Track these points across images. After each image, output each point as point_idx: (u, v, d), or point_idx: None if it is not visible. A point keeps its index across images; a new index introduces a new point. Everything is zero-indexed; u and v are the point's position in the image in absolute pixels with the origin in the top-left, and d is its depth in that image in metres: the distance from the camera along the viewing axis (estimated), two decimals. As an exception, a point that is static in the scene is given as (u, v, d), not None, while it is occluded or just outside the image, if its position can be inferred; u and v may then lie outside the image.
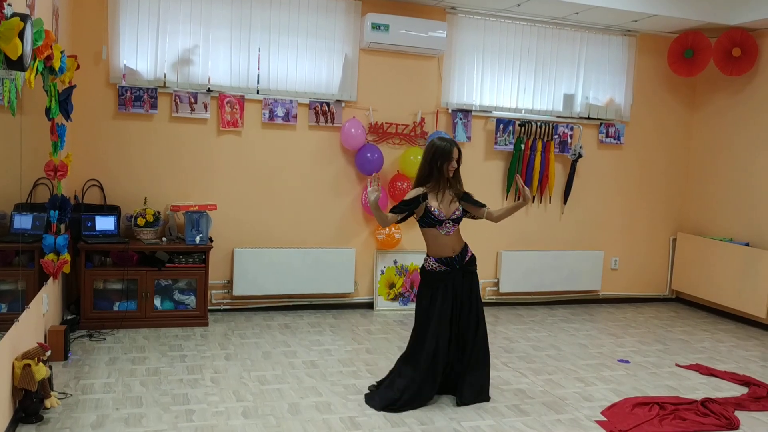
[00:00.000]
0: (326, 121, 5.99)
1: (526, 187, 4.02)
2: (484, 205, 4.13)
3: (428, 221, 3.98)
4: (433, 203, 3.96)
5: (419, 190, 3.99)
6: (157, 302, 5.37)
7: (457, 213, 4.01)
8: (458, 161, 4.01)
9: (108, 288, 5.27)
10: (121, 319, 5.23)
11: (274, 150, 5.92)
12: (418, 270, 4.33)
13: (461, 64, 6.32)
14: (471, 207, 4.09)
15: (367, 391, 4.16)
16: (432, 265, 4.04)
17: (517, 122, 6.51)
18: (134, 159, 5.57)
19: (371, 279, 6.32)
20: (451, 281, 4.03)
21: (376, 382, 4.24)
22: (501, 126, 6.46)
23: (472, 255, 4.15)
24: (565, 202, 6.82)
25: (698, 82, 7.11)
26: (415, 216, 4.04)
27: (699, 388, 4.59)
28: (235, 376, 4.35)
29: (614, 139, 6.91)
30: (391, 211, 4.02)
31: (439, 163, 3.96)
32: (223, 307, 5.90)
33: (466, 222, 4.13)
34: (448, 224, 3.99)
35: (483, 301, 6.58)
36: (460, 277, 4.05)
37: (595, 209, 6.96)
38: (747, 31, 6.34)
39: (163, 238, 5.48)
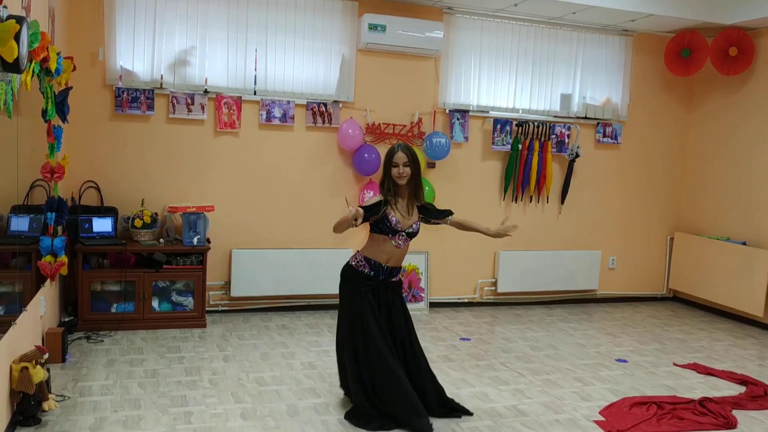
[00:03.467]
0: (323, 122, 5.98)
1: (509, 230, 3.89)
2: (449, 214, 3.87)
3: (382, 228, 3.68)
4: (392, 211, 3.68)
5: (379, 197, 3.74)
6: (155, 304, 5.36)
7: (414, 227, 3.74)
8: (412, 167, 3.69)
9: (105, 290, 5.26)
10: (119, 321, 5.22)
11: (271, 151, 5.91)
12: (416, 270, 4.13)
13: (458, 65, 6.33)
14: (433, 219, 3.85)
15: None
16: (360, 263, 3.74)
17: (515, 122, 6.51)
18: (131, 160, 5.56)
19: (369, 279, 6.31)
20: (374, 289, 3.73)
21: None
22: (498, 126, 6.46)
23: (401, 280, 3.90)
24: (562, 202, 6.82)
25: (695, 82, 7.12)
26: (371, 220, 3.73)
27: (697, 388, 4.59)
28: (233, 378, 4.35)
29: (611, 139, 6.92)
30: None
31: (387, 171, 3.72)
32: (221, 309, 5.89)
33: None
34: (401, 236, 3.71)
35: (482, 300, 6.67)
36: (384, 291, 3.76)
37: (592, 209, 6.97)
38: (743, 30, 6.35)
39: (161, 240, 5.47)
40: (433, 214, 3.85)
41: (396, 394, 3.63)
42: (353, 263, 3.77)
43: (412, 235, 3.76)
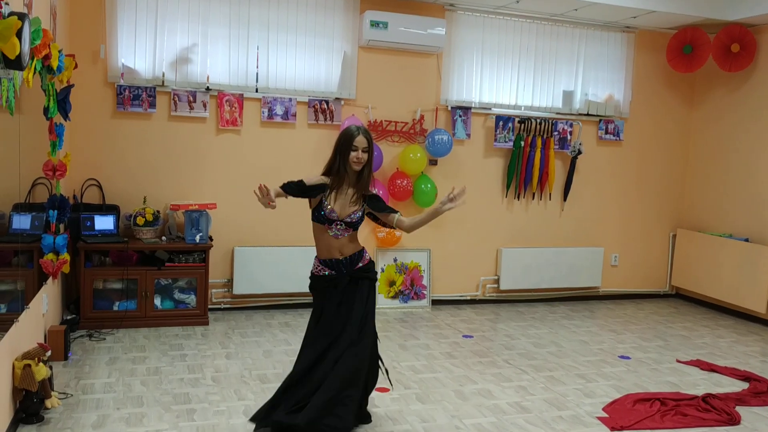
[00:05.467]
0: (325, 119, 5.98)
1: (452, 203, 3.31)
2: (394, 212, 3.55)
3: (318, 216, 3.48)
4: (329, 199, 3.45)
5: (323, 179, 3.48)
6: (157, 301, 5.36)
7: (353, 217, 3.46)
8: (368, 152, 3.44)
9: (108, 287, 5.26)
10: (121, 319, 5.22)
11: (273, 148, 5.91)
12: (418, 268, 3.84)
13: (460, 61, 6.32)
14: (377, 213, 3.56)
15: None
16: (317, 269, 3.56)
17: (517, 119, 6.50)
18: (133, 158, 5.56)
19: (371, 277, 6.30)
20: (338, 288, 3.50)
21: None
22: (500, 123, 6.45)
23: (370, 261, 3.60)
24: (564, 199, 6.81)
25: (697, 78, 7.10)
26: (310, 204, 3.55)
27: (700, 384, 4.59)
28: (236, 375, 4.35)
29: (614, 136, 6.90)
30: (283, 187, 3.46)
31: (344, 153, 3.43)
32: (223, 306, 5.89)
33: (460, 217, 3.88)
34: (339, 226, 3.47)
35: (484, 297, 6.66)
36: (346, 284, 3.50)
37: (594, 206, 6.96)
38: (745, 26, 6.33)
39: (163, 237, 5.47)
40: (379, 209, 3.53)
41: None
42: (313, 271, 3.59)
43: (351, 225, 3.48)
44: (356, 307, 3.49)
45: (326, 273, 3.53)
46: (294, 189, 3.45)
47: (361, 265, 3.56)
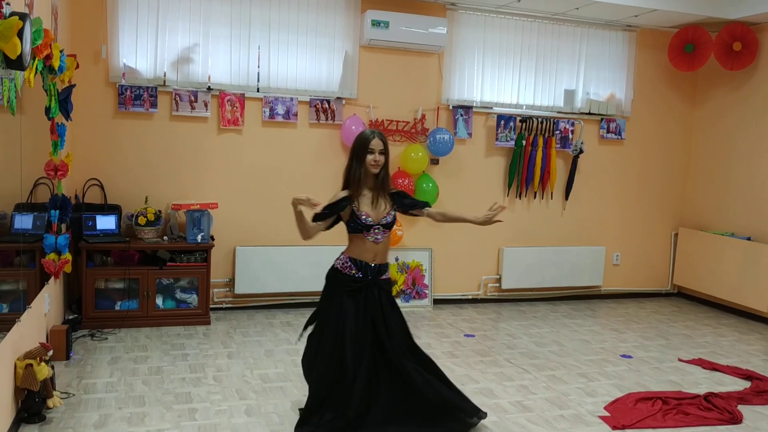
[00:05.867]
0: (327, 119, 5.98)
1: (497, 214, 3.52)
2: (424, 205, 3.64)
3: (355, 226, 3.48)
4: (358, 206, 3.48)
5: (343, 193, 3.51)
6: (159, 301, 5.37)
7: (388, 218, 3.51)
8: (384, 154, 3.48)
9: (109, 287, 5.27)
10: (123, 319, 5.23)
11: (275, 148, 5.91)
12: (420, 267, 3.81)
13: (462, 61, 6.31)
14: (408, 209, 3.62)
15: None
16: (345, 265, 3.51)
17: (518, 118, 6.49)
18: (135, 158, 5.56)
19: (373, 276, 6.30)
20: (363, 292, 3.47)
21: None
22: (502, 122, 6.44)
23: (389, 279, 3.63)
24: (566, 198, 6.81)
25: (699, 77, 7.09)
26: (343, 220, 3.56)
27: (702, 383, 4.58)
28: (237, 375, 4.35)
29: (615, 135, 6.90)
30: (314, 219, 3.47)
31: (360, 157, 3.47)
32: (225, 306, 5.90)
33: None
34: (377, 230, 3.48)
35: (486, 297, 6.66)
36: (374, 292, 3.49)
37: (596, 205, 6.96)
38: (747, 25, 6.32)
39: (165, 237, 5.47)
40: (409, 204, 3.61)
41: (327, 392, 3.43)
42: (338, 265, 3.54)
43: (388, 227, 3.52)
44: (390, 316, 3.51)
45: (352, 273, 3.50)
46: (322, 215, 3.45)
47: (384, 277, 3.58)
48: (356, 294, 3.48)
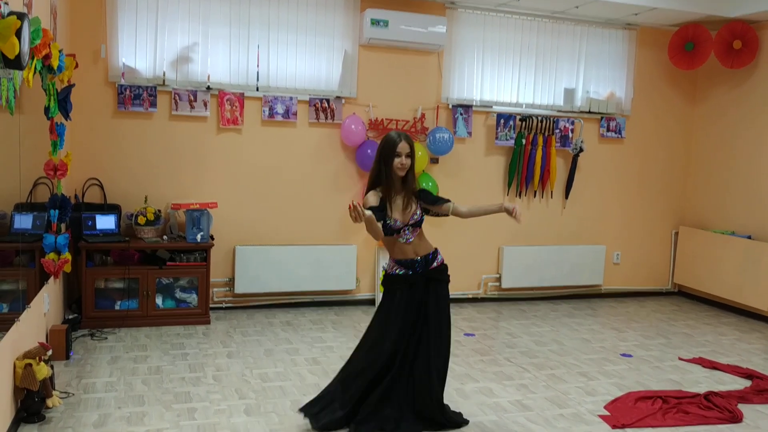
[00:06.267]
0: (326, 118, 5.98)
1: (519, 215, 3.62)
2: (447, 201, 3.65)
3: (385, 230, 3.48)
4: (387, 211, 3.48)
5: (378, 194, 3.50)
6: (159, 301, 5.37)
7: (415, 217, 3.53)
8: (411, 157, 3.49)
9: (109, 287, 5.27)
10: (123, 318, 5.23)
11: (274, 147, 5.91)
12: None
13: (461, 60, 6.31)
14: (431, 206, 3.63)
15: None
16: (393, 267, 3.58)
17: (518, 117, 6.49)
18: (134, 157, 5.56)
19: (373, 275, 6.31)
20: (411, 286, 3.54)
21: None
22: (502, 121, 6.44)
23: (444, 264, 3.66)
24: (566, 197, 6.80)
25: (699, 75, 7.09)
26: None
27: (702, 382, 4.58)
28: (237, 374, 4.35)
29: (615, 133, 6.89)
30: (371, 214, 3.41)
31: (387, 161, 3.47)
32: (224, 305, 5.90)
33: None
34: (406, 231, 3.53)
35: (486, 296, 6.65)
36: (423, 285, 3.55)
37: (596, 204, 6.95)
38: (748, 23, 6.31)
39: (164, 237, 5.47)
40: (431, 201, 3.62)
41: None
42: (387, 270, 3.62)
43: (416, 225, 3.56)
44: (431, 310, 3.54)
45: (401, 272, 3.55)
46: (378, 214, 3.42)
47: (435, 265, 3.60)
48: (408, 290, 3.53)
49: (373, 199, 3.49)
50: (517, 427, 3.73)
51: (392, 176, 3.49)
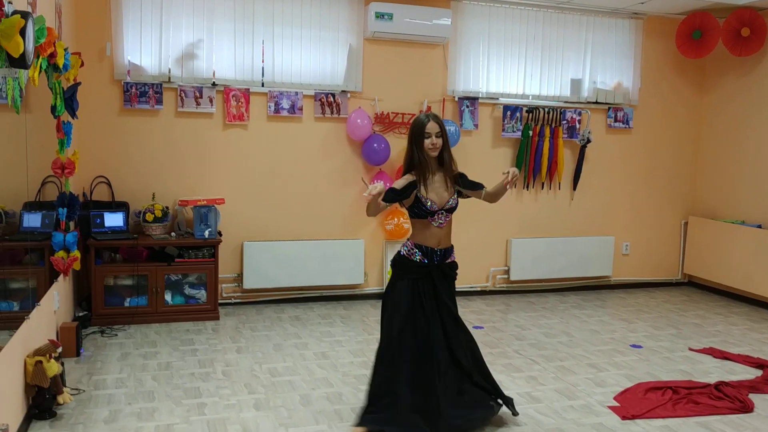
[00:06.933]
0: (332, 113, 5.97)
1: (513, 174, 3.52)
2: (482, 186, 3.64)
3: (418, 212, 3.47)
4: (423, 192, 3.46)
5: (409, 177, 3.49)
6: (168, 297, 5.39)
7: (452, 201, 3.51)
8: (441, 136, 3.46)
9: (118, 284, 5.29)
10: (133, 315, 5.25)
11: (280, 142, 5.91)
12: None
13: (467, 52, 6.28)
14: (468, 191, 3.61)
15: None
16: (411, 251, 3.50)
17: (525, 108, 6.46)
18: (141, 155, 5.58)
19: (381, 269, 6.31)
20: (429, 276, 3.50)
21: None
22: (508, 113, 6.41)
23: (455, 261, 3.64)
24: (574, 188, 6.77)
25: (707, 64, 7.03)
26: (403, 204, 3.55)
27: (712, 372, 4.56)
28: (246, 369, 4.36)
29: (623, 124, 6.85)
30: (383, 200, 3.39)
31: (418, 143, 3.46)
32: (233, 301, 5.91)
33: (469, 208, 3.81)
34: (441, 215, 3.49)
35: (494, 288, 6.65)
36: (440, 277, 3.53)
37: (604, 194, 6.92)
38: (756, 10, 6.25)
39: (172, 233, 5.49)
40: (469, 185, 3.59)
41: (399, 405, 3.38)
42: (404, 252, 3.53)
43: (451, 211, 3.52)
44: (446, 301, 3.53)
45: (418, 259, 3.49)
46: (390, 196, 3.40)
47: (450, 260, 3.60)
48: (422, 279, 3.49)
49: (401, 181, 3.48)
50: (527, 419, 3.72)
51: (426, 157, 3.46)
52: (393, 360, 3.44)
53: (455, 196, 3.55)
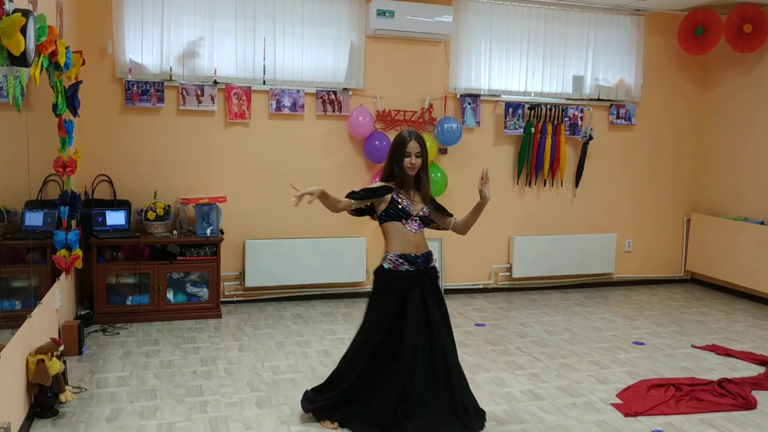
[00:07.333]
0: (333, 110, 5.96)
1: (486, 185, 3.46)
2: (450, 215, 3.63)
3: (393, 214, 3.45)
4: (399, 196, 3.47)
5: (384, 183, 3.52)
6: (170, 295, 5.39)
7: (424, 211, 3.50)
8: (422, 157, 3.46)
9: (120, 282, 5.30)
10: (135, 313, 5.25)
11: (282, 140, 5.91)
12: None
13: (468, 49, 6.27)
14: (437, 215, 3.60)
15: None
16: (396, 262, 3.44)
17: (527, 105, 6.45)
18: (143, 153, 5.58)
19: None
20: (417, 285, 3.46)
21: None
22: (510, 110, 6.40)
23: (435, 267, 3.63)
24: (576, 185, 6.76)
25: (709, 60, 7.01)
26: (373, 216, 3.57)
27: (715, 369, 4.55)
28: (248, 367, 4.36)
29: (625, 120, 6.84)
30: (347, 196, 3.47)
31: (398, 160, 3.46)
32: (235, 299, 5.91)
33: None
34: (415, 221, 3.48)
35: (496, 286, 6.64)
36: (428, 286, 3.50)
37: (607, 191, 6.90)
38: (758, 6, 6.23)
39: (174, 232, 5.49)
40: (439, 209, 3.61)
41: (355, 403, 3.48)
42: (389, 266, 3.46)
43: (423, 221, 3.52)
44: (434, 308, 3.49)
45: (404, 268, 3.45)
46: (360, 195, 3.45)
47: (432, 264, 3.60)
48: (416, 288, 3.45)
49: (375, 185, 3.52)
50: (529, 416, 3.72)
51: (403, 175, 3.48)
52: (355, 366, 3.49)
53: (426, 209, 3.53)
